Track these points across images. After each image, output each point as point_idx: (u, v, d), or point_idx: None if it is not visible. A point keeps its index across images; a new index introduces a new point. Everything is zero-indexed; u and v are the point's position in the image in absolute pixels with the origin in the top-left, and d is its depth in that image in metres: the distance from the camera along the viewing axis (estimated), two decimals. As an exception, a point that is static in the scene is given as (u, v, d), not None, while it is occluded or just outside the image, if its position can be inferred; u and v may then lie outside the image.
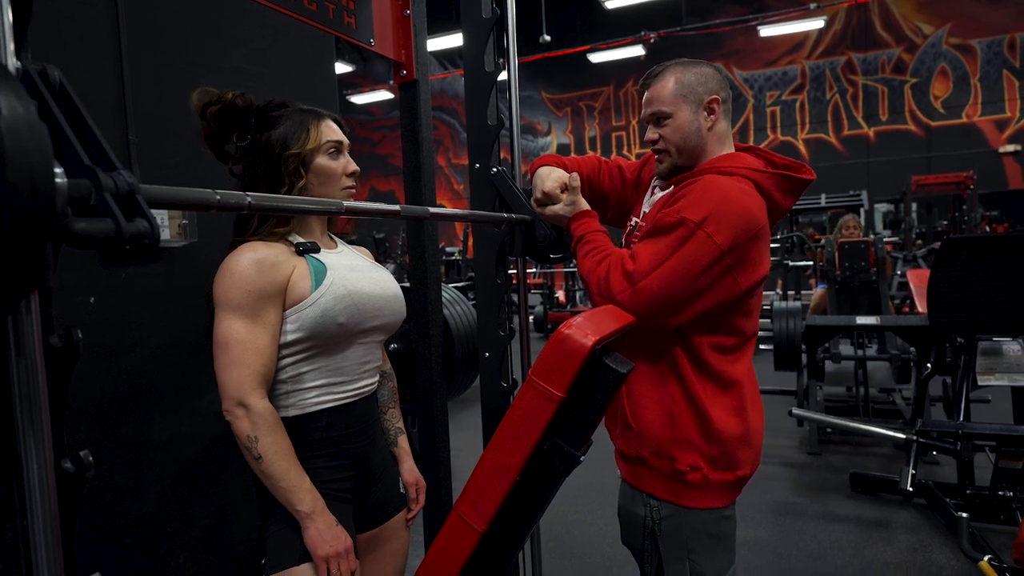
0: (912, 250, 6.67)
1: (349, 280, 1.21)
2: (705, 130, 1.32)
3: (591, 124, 15.23)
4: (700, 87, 1.31)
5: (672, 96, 1.32)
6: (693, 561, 1.30)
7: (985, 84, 11.80)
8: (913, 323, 3.59)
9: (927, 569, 2.49)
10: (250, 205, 0.80)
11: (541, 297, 9.57)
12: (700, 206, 1.20)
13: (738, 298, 1.26)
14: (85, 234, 0.55)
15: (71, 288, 1.41)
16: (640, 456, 1.33)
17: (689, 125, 1.32)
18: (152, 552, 1.58)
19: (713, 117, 1.32)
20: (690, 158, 1.34)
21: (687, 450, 1.28)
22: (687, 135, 1.32)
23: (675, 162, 1.35)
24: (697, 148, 1.33)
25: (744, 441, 1.31)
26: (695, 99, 1.31)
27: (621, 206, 1.59)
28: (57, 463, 0.63)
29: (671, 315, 1.24)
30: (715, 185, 1.24)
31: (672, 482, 1.30)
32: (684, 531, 1.31)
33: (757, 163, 1.32)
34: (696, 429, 1.28)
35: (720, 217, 1.19)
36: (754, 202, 1.24)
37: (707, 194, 1.22)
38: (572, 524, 3.00)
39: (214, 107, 1.18)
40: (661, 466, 1.30)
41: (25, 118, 0.48)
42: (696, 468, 1.28)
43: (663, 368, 1.31)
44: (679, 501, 1.30)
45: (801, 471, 3.65)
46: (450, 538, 1.13)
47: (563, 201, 1.43)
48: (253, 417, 1.08)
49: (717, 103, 1.32)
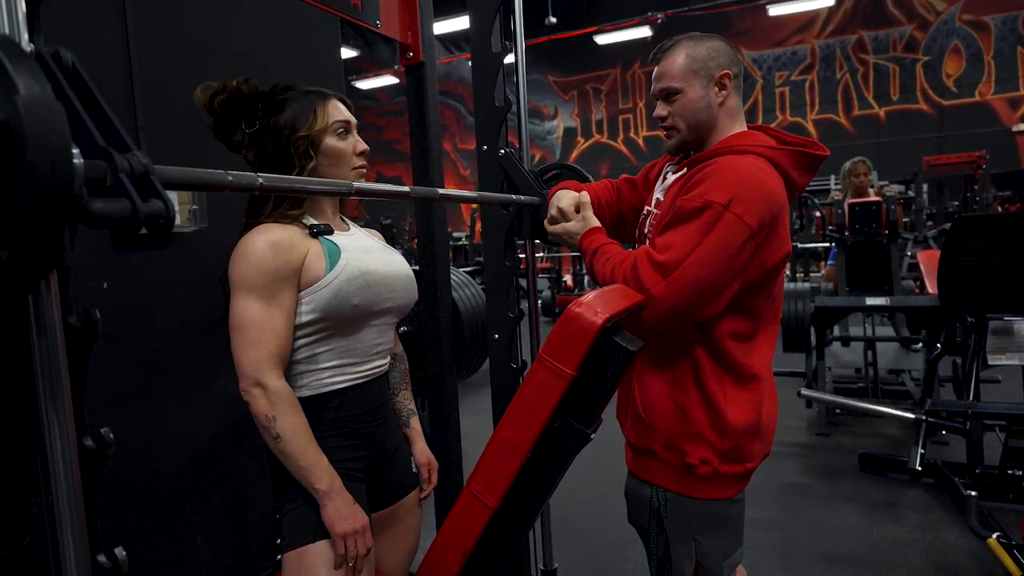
0: (923, 231, 6.61)
1: (363, 261, 1.21)
2: (716, 106, 1.29)
3: (598, 107, 15.11)
4: (712, 62, 1.27)
5: (682, 71, 1.28)
6: (699, 543, 1.30)
7: (999, 61, 11.61)
8: (924, 303, 3.57)
9: (935, 547, 2.50)
10: (262, 186, 0.80)
11: (549, 281, 9.57)
12: (723, 188, 1.17)
13: (764, 277, 1.23)
14: (102, 214, 0.56)
15: (84, 273, 1.43)
16: (650, 448, 1.32)
17: (699, 101, 1.28)
18: (171, 533, 1.61)
19: (724, 92, 1.29)
20: (699, 135, 1.32)
21: (698, 444, 1.27)
22: (697, 111, 1.29)
23: (684, 138, 1.33)
24: (707, 124, 1.30)
25: (756, 435, 1.29)
26: (706, 74, 1.27)
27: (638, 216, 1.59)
28: (79, 440, 0.65)
29: (709, 304, 1.19)
30: (733, 165, 1.21)
31: (681, 474, 1.30)
32: (690, 514, 1.31)
33: (769, 141, 1.30)
34: (708, 424, 1.26)
35: (746, 197, 1.16)
36: (774, 179, 1.23)
37: (728, 175, 1.19)
38: (581, 503, 3.03)
39: (221, 96, 1.18)
40: (671, 459, 1.30)
41: (43, 98, 0.49)
42: (707, 462, 1.27)
43: (678, 361, 1.29)
44: (687, 492, 1.30)
45: (810, 452, 3.66)
46: (462, 515, 1.14)
47: (575, 219, 1.42)
48: (271, 397, 1.09)
49: (729, 78, 1.28)
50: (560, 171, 1.67)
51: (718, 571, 1.31)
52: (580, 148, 15.33)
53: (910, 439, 3.42)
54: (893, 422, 3.98)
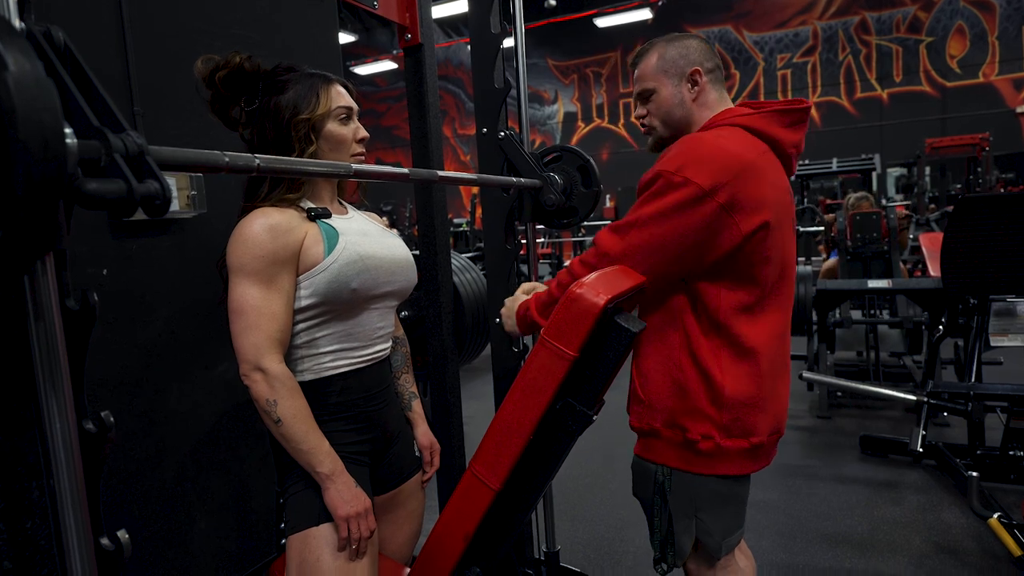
0: (925, 214, 6.59)
1: (361, 245, 1.21)
2: (689, 102, 1.35)
3: (598, 91, 15.02)
4: (681, 60, 1.34)
5: (654, 72, 1.36)
6: (700, 519, 1.31)
7: (1003, 42, 11.51)
8: (925, 285, 3.56)
9: (936, 528, 2.52)
10: (259, 167, 0.80)
11: (550, 267, 9.57)
12: (675, 158, 1.22)
13: (743, 243, 1.21)
14: (97, 194, 0.55)
15: (83, 259, 1.42)
16: (653, 428, 1.32)
17: (672, 98, 1.36)
18: (174, 517, 1.62)
19: (697, 88, 1.35)
20: (676, 130, 1.38)
21: (698, 419, 1.27)
22: (671, 108, 1.36)
23: (661, 135, 1.40)
24: (682, 120, 1.37)
25: (757, 407, 1.27)
26: (676, 72, 1.35)
27: None
28: (79, 424, 0.65)
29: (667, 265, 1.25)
30: (689, 139, 1.26)
31: (684, 451, 1.30)
32: (693, 490, 1.31)
33: (744, 110, 1.32)
34: (706, 397, 1.26)
35: (696, 159, 1.20)
36: (731, 142, 1.23)
37: (680, 147, 1.24)
38: (583, 488, 3.04)
39: (222, 72, 1.17)
40: (673, 436, 1.30)
41: (33, 75, 0.48)
42: (708, 436, 1.27)
43: (671, 338, 1.29)
44: (690, 468, 1.30)
45: (811, 434, 3.67)
46: (465, 497, 1.15)
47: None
48: (271, 381, 1.09)
49: (699, 74, 1.34)
50: (561, 154, 1.66)
51: (717, 549, 1.32)
52: (580, 133, 15.26)
53: (911, 421, 3.44)
54: (895, 404, 3.99)
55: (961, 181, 7.91)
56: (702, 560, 1.36)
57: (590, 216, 1.68)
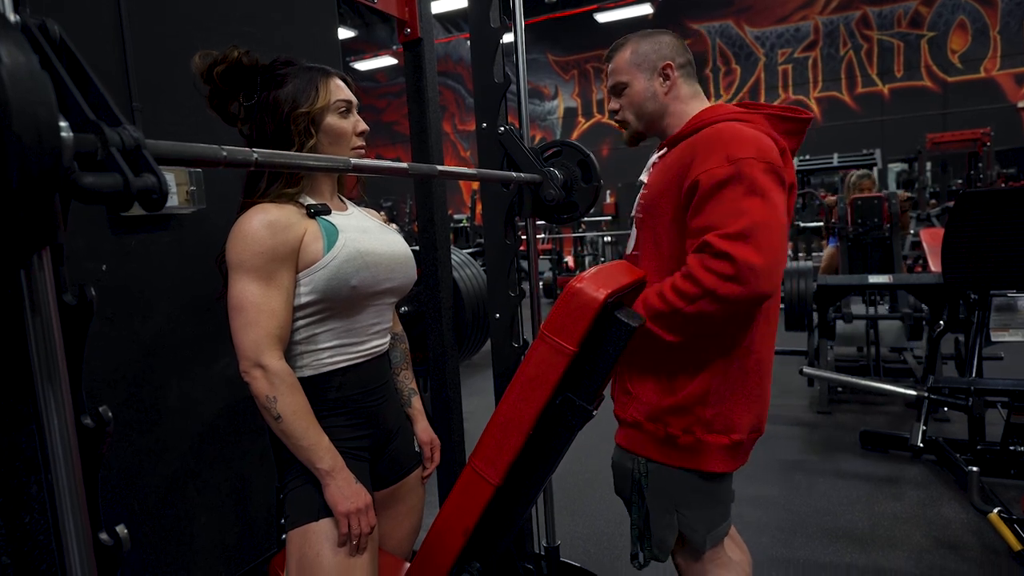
0: (926, 209, 6.58)
1: (360, 242, 1.20)
2: (661, 95, 1.37)
3: (599, 87, 14.97)
4: (654, 54, 1.36)
5: (627, 66, 1.38)
6: (682, 515, 1.32)
7: (1005, 36, 11.46)
8: (926, 280, 3.56)
9: (936, 523, 2.52)
10: (257, 162, 0.79)
11: (550, 262, 9.57)
12: (724, 149, 1.18)
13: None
14: (93, 188, 0.55)
15: (82, 255, 1.42)
16: (635, 420, 1.33)
17: (645, 92, 1.38)
18: (175, 512, 1.62)
19: (669, 83, 1.36)
20: (649, 124, 1.40)
21: (682, 415, 1.28)
22: (644, 102, 1.38)
23: (635, 128, 1.41)
24: (655, 113, 1.38)
25: (741, 404, 1.28)
26: (649, 67, 1.36)
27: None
28: (77, 419, 0.64)
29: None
30: (715, 133, 1.23)
31: (663, 444, 1.31)
32: (672, 485, 1.32)
33: (736, 109, 1.32)
34: (694, 396, 1.26)
35: (744, 143, 1.18)
36: (751, 129, 1.24)
37: (718, 140, 1.21)
38: (583, 483, 3.05)
39: (220, 67, 1.17)
40: (655, 430, 1.31)
41: (27, 68, 0.47)
42: (689, 431, 1.28)
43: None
44: (668, 461, 1.31)
45: (811, 430, 3.67)
46: (465, 492, 1.15)
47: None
48: (271, 377, 1.09)
49: (671, 68, 1.36)
50: (561, 149, 1.65)
51: (702, 543, 1.32)
52: (581, 128, 15.22)
53: (912, 417, 3.43)
54: (895, 400, 3.99)
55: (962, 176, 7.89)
56: (689, 554, 1.37)
57: (590, 211, 1.67)
